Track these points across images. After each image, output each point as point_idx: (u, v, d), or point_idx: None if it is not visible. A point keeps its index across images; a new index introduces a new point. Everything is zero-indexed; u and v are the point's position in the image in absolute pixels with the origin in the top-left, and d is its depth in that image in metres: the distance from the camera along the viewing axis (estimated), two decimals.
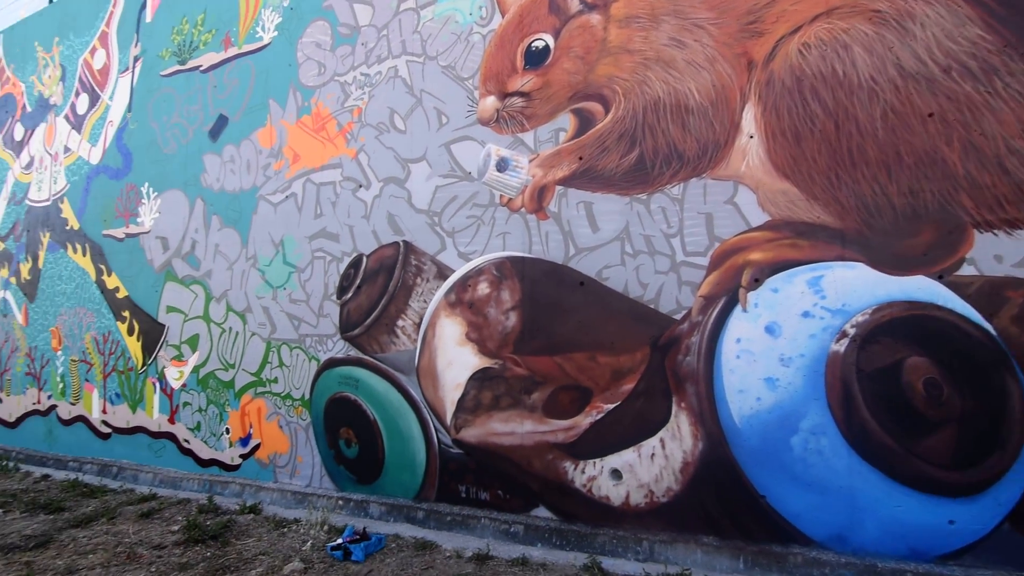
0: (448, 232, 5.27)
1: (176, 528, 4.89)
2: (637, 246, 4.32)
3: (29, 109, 9.23)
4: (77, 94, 8.54)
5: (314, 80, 6.23)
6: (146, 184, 7.57)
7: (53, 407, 8.39)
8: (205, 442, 6.76)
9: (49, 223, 8.68)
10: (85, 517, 5.31)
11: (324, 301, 5.93)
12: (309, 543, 4.44)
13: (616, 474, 4.23)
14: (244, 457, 6.43)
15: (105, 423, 7.75)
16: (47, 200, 8.78)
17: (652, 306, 4.22)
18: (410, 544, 4.40)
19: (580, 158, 4.55)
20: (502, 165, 4.89)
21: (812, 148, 3.81)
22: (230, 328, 6.65)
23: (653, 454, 4.12)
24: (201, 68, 7.14)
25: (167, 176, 7.34)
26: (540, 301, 4.65)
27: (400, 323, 5.43)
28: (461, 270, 5.14)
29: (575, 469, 4.39)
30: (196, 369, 6.91)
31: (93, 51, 8.41)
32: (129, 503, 5.80)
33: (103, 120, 8.18)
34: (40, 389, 8.56)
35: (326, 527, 4.78)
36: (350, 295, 5.75)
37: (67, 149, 8.59)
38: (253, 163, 6.61)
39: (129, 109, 7.88)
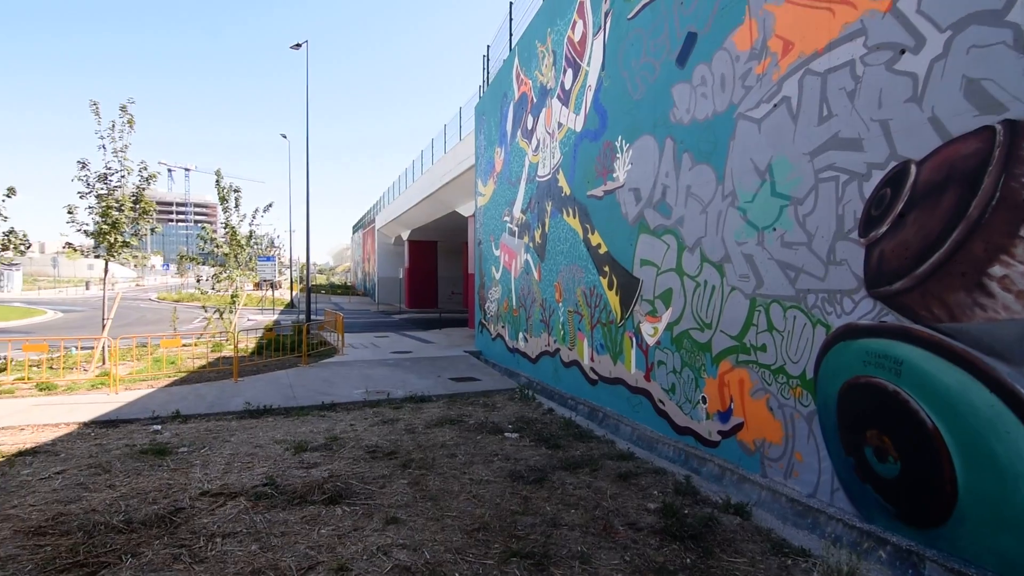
0: None
1: (652, 506, 4.25)
2: None
3: (535, 100, 10.87)
4: (564, 72, 9.36)
5: None
6: (619, 138, 7.45)
7: (557, 350, 9.68)
8: (680, 407, 6.09)
9: (551, 193, 9.97)
10: (573, 461, 5.41)
11: (837, 241, 4.09)
12: None
13: None
14: (723, 435, 5.39)
15: (593, 370, 8.29)
16: (548, 174, 10.10)
17: None
18: None
19: None
20: None
21: None
22: (705, 281, 5.67)
23: None
24: None
25: (637, 123, 6.96)
26: None
27: (996, 270, 3.05)
28: None
29: None
30: (670, 327, 6.31)
31: (573, 25, 8.97)
32: (609, 456, 5.68)
33: (583, 88, 8.61)
34: (549, 334, 10.07)
35: None
36: (884, 229, 3.71)
37: (559, 125, 9.58)
38: (728, 77, 5.30)
39: (603, 68, 7.95)
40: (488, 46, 15.34)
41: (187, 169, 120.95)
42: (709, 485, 4.95)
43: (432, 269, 35.02)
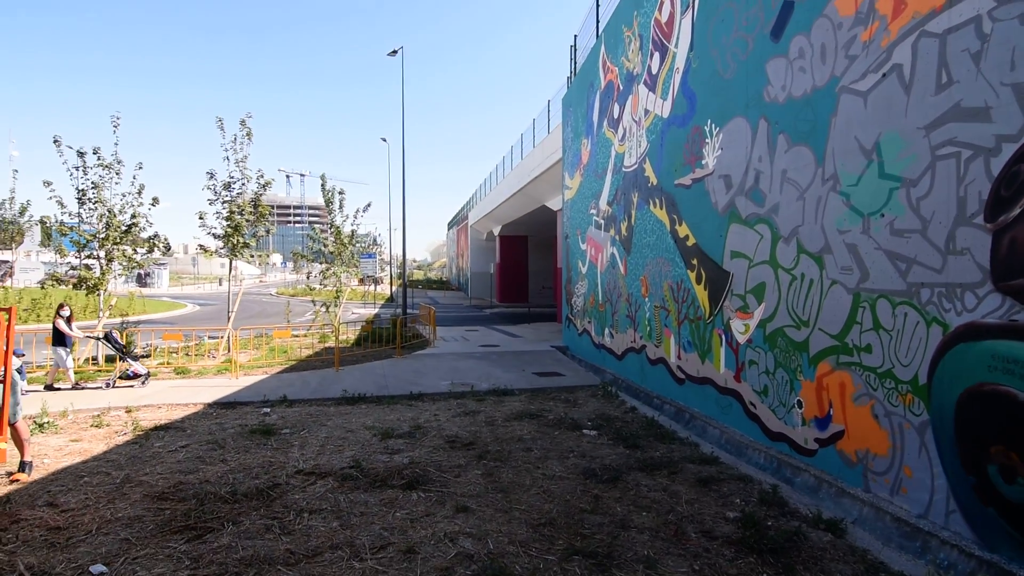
0: None
1: (731, 515, 3.97)
2: None
3: (621, 88, 10.55)
4: (651, 56, 8.98)
5: None
6: (708, 122, 7.02)
7: (644, 347, 9.38)
8: (773, 411, 5.65)
9: (637, 184, 9.64)
10: (652, 463, 5.21)
11: (958, 228, 3.55)
12: None
13: None
14: (821, 443, 4.91)
15: (680, 368, 7.93)
16: (635, 164, 9.78)
17: None
18: None
19: None
20: None
21: None
22: (802, 275, 5.19)
23: None
24: None
25: (728, 104, 6.52)
26: None
27: None
28: None
29: None
30: (762, 324, 5.86)
31: (660, 6, 8.56)
32: (691, 459, 5.40)
33: (671, 71, 8.21)
34: (635, 330, 9.77)
35: None
36: (1017, 211, 3.16)
37: (646, 112, 9.23)
38: (829, 47, 4.79)
39: (691, 48, 7.53)
40: (575, 36, 15.12)
41: (302, 175, 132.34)
42: (801, 497, 4.54)
43: (523, 264, 35.37)
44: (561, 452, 5.59)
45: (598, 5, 12.82)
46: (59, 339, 8.81)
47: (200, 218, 12.76)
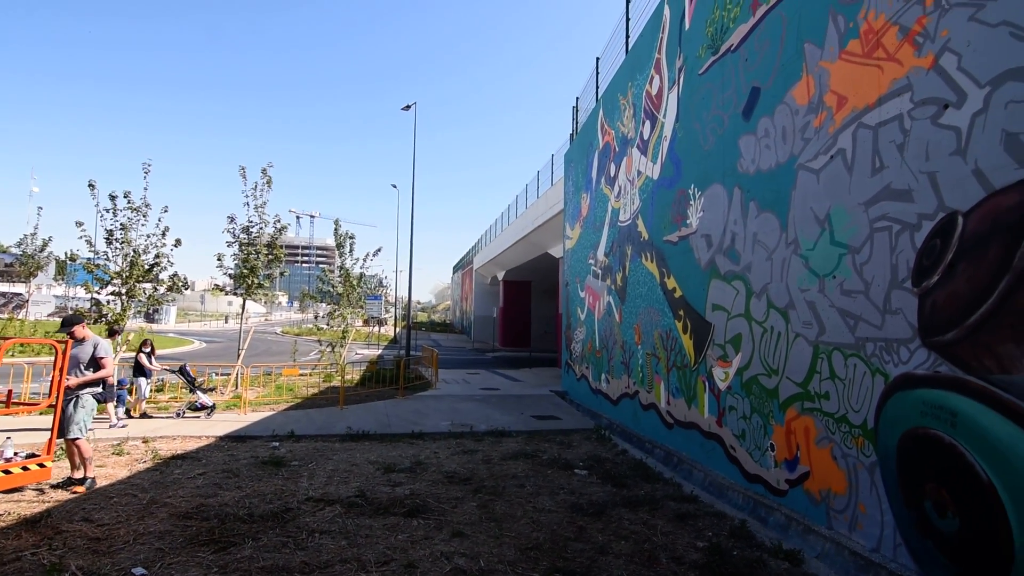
0: None
1: (701, 545, 4.37)
2: None
3: (617, 149, 11.41)
4: (643, 123, 9.84)
5: None
6: (692, 186, 7.73)
7: (637, 392, 9.80)
8: (750, 454, 6.06)
9: (631, 238, 10.32)
10: (635, 500, 5.60)
11: (893, 290, 4.12)
12: None
13: None
14: (791, 484, 5.31)
15: (669, 413, 8.34)
16: (629, 220, 10.49)
17: None
18: None
19: None
20: None
21: None
22: (772, 328, 5.73)
23: None
24: (732, 47, 6.65)
25: (708, 172, 7.24)
26: None
27: None
28: None
29: None
30: (740, 372, 6.35)
31: (651, 80, 9.47)
32: (672, 498, 5.78)
33: (660, 138, 9.02)
34: (629, 376, 10.21)
35: None
36: (936, 279, 3.73)
37: (639, 173, 10.01)
38: (789, 129, 5.50)
39: (677, 119, 8.34)
40: (577, 98, 16.24)
41: (312, 216, 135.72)
42: (770, 533, 4.91)
43: (526, 308, 35.92)
44: (552, 489, 5.98)
45: (598, 72, 13.91)
46: (140, 371, 10.04)
47: (218, 259, 13.50)
